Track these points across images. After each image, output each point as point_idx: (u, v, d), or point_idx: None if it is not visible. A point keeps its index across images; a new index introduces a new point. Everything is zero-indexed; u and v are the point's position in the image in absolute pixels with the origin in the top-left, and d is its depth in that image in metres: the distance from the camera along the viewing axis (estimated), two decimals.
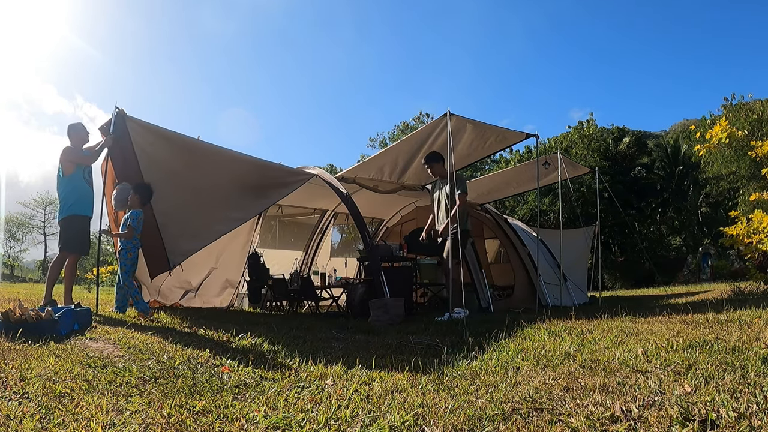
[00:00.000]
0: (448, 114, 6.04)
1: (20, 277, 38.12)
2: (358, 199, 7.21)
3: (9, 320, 3.22)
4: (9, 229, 43.34)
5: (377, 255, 6.37)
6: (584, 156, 23.81)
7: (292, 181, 6.30)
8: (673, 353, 2.83)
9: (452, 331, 4.35)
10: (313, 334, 4.12)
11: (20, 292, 7.83)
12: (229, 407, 1.91)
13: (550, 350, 3.19)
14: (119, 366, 2.53)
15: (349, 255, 10.62)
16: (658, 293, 12.52)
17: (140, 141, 5.17)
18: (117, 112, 5.07)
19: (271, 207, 9.28)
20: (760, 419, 1.63)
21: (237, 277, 8.73)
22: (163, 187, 5.23)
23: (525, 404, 1.94)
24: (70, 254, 5.28)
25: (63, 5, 71.67)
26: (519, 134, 6.96)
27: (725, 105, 16.95)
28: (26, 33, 69.73)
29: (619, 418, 1.72)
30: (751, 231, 7.63)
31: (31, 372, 2.28)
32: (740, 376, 2.21)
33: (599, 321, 4.55)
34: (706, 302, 6.22)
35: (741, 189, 17.44)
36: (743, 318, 4.16)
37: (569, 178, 8.67)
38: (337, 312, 7.28)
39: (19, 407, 1.80)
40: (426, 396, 2.10)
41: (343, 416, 1.81)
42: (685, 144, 27.65)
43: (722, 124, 7.99)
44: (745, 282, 10.60)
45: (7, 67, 71.44)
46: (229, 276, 8.54)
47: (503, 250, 10.10)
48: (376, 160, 7.78)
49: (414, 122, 31.79)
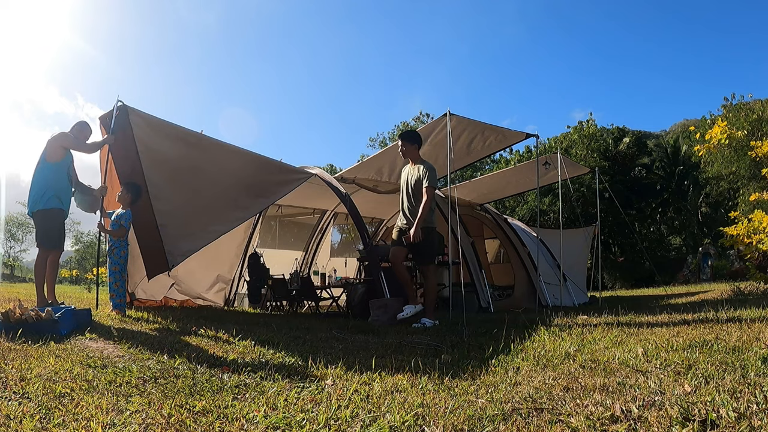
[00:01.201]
0: (448, 114, 6.04)
1: (20, 277, 38.08)
2: (358, 199, 7.20)
3: (9, 320, 3.22)
4: (9, 229, 43.32)
5: (377, 255, 6.37)
6: (584, 156, 23.80)
7: (292, 179, 6.28)
8: (673, 353, 2.83)
9: (452, 331, 4.35)
10: (313, 334, 4.12)
11: (20, 292, 7.83)
12: (229, 407, 1.91)
13: (550, 350, 3.19)
14: (119, 366, 2.53)
15: (349, 255, 10.62)
16: (658, 293, 12.52)
17: (143, 137, 5.06)
18: (119, 107, 4.94)
19: (271, 207, 9.28)
20: (760, 419, 1.63)
21: (230, 275, 8.64)
22: (165, 187, 5.17)
23: (525, 404, 1.93)
24: (51, 250, 4.95)
25: (67, 8, 71.84)
26: (519, 134, 6.96)
27: (725, 105, 16.97)
28: (31, 35, 69.97)
29: (619, 418, 1.72)
30: (751, 231, 7.63)
31: (31, 372, 2.28)
32: (740, 376, 2.21)
33: (599, 321, 4.55)
34: (706, 302, 6.22)
35: (741, 189, 17.43)
36: (743, 318, 4.16)
37: (569, 178, 8.68)
38: (337, 312, 7.27)
39: (19, 407, 1.80)
40: (426, 396, 2.10)
41: (343, 416, 1.81)
42: (685, 144, 27.66)
43: (721, 125, 8.00)
44: (745, 282, 10.62)
45: (13, 69, 71.62)
46: (222, 272, 8.42)
47: (503, 250, 10.10)
48: (375, 161, 7.78)
49: (414, 122, 31.79)
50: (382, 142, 33.29)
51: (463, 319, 5.09)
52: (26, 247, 45.47)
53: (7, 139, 61.47)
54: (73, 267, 32.01)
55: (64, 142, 4.94)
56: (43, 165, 4.90)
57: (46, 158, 4.90)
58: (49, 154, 4.91)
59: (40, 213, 4.84)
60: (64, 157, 4.97)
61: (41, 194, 4.84)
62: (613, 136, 25.62)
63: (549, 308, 7.06)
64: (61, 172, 4.93)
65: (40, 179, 4.89)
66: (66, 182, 5.01)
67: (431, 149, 7.00)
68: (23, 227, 44.11)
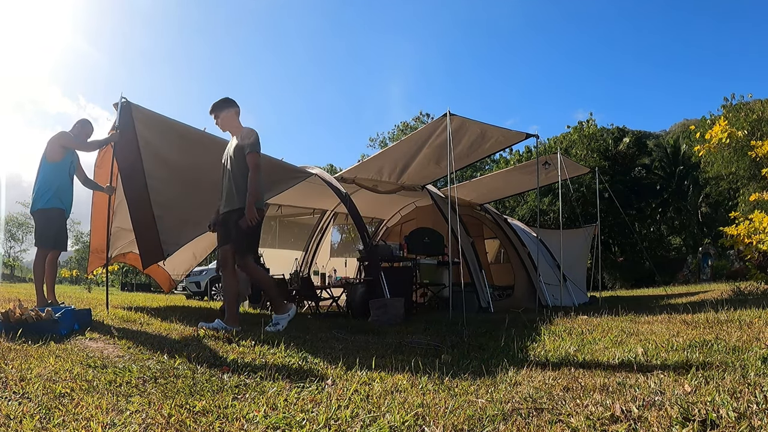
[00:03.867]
0: (448, 114, 6.03)
1: (20, 277, 38.06)
2: (358, 199, 7.21)
3: (9, 320, 3.22)
4: (9, 229, 43.31)
5: (377, 255, 6.37)
6: (584, 156, 23.81)
7: (291, 177, 6.30)
8: (673, 353, 2.83)
9: (452, 331, 4.36)
10: (313, 334, 4.12)
11: (20, 292, 7.82)
12: (229, 407, 1.91)
13: (550, 350, 3.19)
14: (119, 366, 2.53)
15: (349, 255, 10.61)
16: (658, 293, 12.52)
17: (145, 132, 5.09)
18: (123, 103, 4.97)
19: (271, 207, 9.28)
20: (760, 419, 1.63)
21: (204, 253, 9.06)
22: (163, 181, 5.20)
23: (525, 404, 1.93)
24: (50, 250, 4.96)
25: (69, 10, 72.10)
26: (519, 134, 6.96)
27: (725, 105, 16.97)
28: (34, 36, 70.17)
29: (619, 418, 1.72)
30: (752, 231, 7.64)
31: (31, 372, 2.28)
32: (740, 376, 2.21)
33: (599, 321, 4.55)
34: (706, 302, 6.22)
35: (741, 189, 17.43)
36: (743, 318, 4.16)
37: (569, 178, 8.68)
38: (337, 312, 7.27)
39: (19, 407, 1.80)
40: (426, 396, 2.10)
41: (343, 416, 1.81)
42: (685, 144, 27.66)
43: (722, 124, 8.00)
44: (745, 282, 10.61)
45: (15, 68, 71.76)
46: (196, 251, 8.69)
47: (503, 250, 10.10)
48: (375, 161, 7.78)
49: (414, 122, 31.81)
50: (382, 142, 33.32)
51: (463, 319, 5.09)
52: (26, 247, 45.46)
53: (9, 139, 61.36)
54: (73, 267, 31.98)
55: (64, 141, 4.95)
56: (44, 165, 4.91)
57: (47, 158, 4.92)
58: (49, 153, 4.92)
59: (40, 212, 4.86)
60: (65, 156, 4.97)
61: (41, 194, 4.86)
62: (613, 136, 25.63)
63: (549, 308, 7.05)
64: (61, 172, 4.93)
65: (40, 179, 4.91)
66: (67, 182, 5.00)
67: (431, 150, 7.01)
68: (23, 227, 44.10)
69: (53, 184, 4.88)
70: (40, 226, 4.91)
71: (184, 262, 8.65)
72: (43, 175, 4.89)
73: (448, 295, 6.57)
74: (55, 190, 4.88)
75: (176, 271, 8.49)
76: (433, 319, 5.55)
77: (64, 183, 4.96)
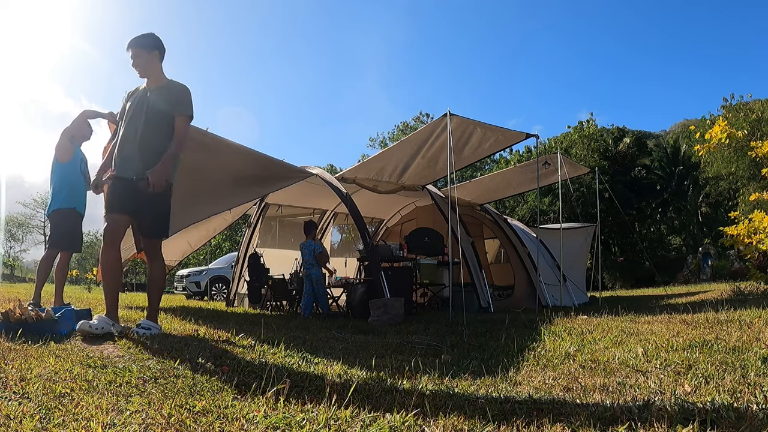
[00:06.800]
0: (448, 114, 6.03)
1: (20, 277, 38.09)
2: (358, 199, 7.21)
3: (9, 320, 3.21)
4: (9, 229, 43.33)
5: (377, 255, 6.37)
6: (584, 156, 23.83)
7: (290, 176, 6.32)
8: (673, 353, 2.83)
9: (452, 331, 4.36)
10: (313, 334, 4.12)
11: (20, 292, 7.82)
12: (229, 407, 1.90)
13: (550, 350, 3.19)
14: (119, 366, 2.53)
15: (349, 255, 10.61)
16: (658, 293, 12.52)
17: None
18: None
19: (271, 207, 9.29)
20: (760, 419, 1.63)
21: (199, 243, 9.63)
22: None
23: (525, 404, 1.94)
24: (60, 251, 4.97)
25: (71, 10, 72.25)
26: (519, 134, 6.96)
27: (725, 105, 17.00)
28: (36, 36, 70.19)
29: (619, 418, 1.72)
30: (752, 231, 7.64)
31: (31, 372, 2.28)
32: (740, 376, 2.21)
33: (599, 321, 4.55)
34: (706, 302, 6.22)
35: (741, 189, 17.44)
36: (743, 318, 4.16)
37: (569, 178, 8.68)
38: (337, 312, 7.28)
39: (19, 407, 1.79)
40: (426, 396, 2.10)
41: (343, 416, 1.81)
42: (685, 144, 27.70)
43: (721, 124, 8.00)
44: (745, 282, 10.62)
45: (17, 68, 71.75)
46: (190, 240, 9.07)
47: (503, 250, 10.11)
48: (376, 161, 7.78)
49: (414, 122, 31.84)
50: (382, 142, 33.34)
51: (463, 319, 5.09)
52: (26, 247, 45.52)
53: (10, 139, 61.32)
54: (73, 267, 32.01)
55: (67, 134, 4.96)
56: (56, 167, 4.96)
57: (58, 160, 4.97)
58: (58, 155, 4.96)
59: (55, 213, 4.90)
60: (74, 154, 5.00)
61: (55, 195, 4.91)
62: (613, 136, 25.66)
63: (549, 308, 7.06)
64: (73, 170, 4.96)
65: (54, 182, 4.96)
66: (79, 179, 5.01)
67: (431, 150, 7.01)
68: (23, 227, 44.14)
69: (66, 183, 4.92)
70: (55, 226, 4.92)
71: (177, 250, 9.15)
72: (57, 178, 4.94)
73: (448, 295, 6.57)
74: (68, 189, 4.92)
75: (170, 257, 8.80)
76: (433, 319, 5.55)
77: (76, 181, 4.98)
